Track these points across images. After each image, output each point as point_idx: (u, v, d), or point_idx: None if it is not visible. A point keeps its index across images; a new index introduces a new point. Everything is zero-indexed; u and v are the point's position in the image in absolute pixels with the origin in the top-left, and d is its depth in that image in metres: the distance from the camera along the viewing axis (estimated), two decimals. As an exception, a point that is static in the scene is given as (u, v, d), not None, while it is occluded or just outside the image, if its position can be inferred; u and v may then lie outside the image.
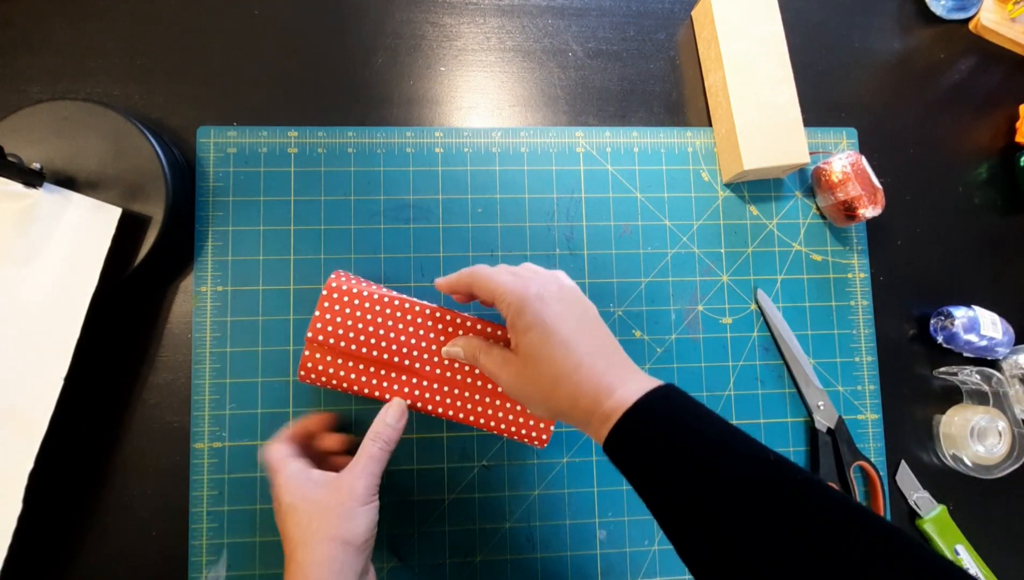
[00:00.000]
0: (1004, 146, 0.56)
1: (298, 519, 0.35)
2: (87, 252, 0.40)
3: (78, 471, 0.44)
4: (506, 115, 0.51)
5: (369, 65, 0.50)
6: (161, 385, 0.45)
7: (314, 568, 0.33)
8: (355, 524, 0.35)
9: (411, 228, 0.48)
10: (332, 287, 0.40)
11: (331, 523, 0.34)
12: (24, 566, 0.41)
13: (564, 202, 0.50)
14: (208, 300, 0.46)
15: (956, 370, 0.51)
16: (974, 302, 0.52)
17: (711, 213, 0.51)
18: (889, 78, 0.56)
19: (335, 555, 0.34)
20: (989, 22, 0.56)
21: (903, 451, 0.51)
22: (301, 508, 0.35)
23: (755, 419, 0.49)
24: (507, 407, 0.41)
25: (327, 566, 0.33)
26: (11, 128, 0.42)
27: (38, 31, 0.47)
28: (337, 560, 0.34)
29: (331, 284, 0.41)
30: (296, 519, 0.35)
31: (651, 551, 0.47)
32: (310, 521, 0.35)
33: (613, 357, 0.35)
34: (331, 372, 0.40)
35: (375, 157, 0.48)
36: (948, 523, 0.50)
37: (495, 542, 0.46)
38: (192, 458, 0.44)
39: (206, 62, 0.48)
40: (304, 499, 0.36)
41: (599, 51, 0.52)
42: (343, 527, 0.34)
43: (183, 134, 0.47)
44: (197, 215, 0.46)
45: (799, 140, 0.48)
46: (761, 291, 0.50)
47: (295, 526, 0.35)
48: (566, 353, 0.34)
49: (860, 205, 0.48)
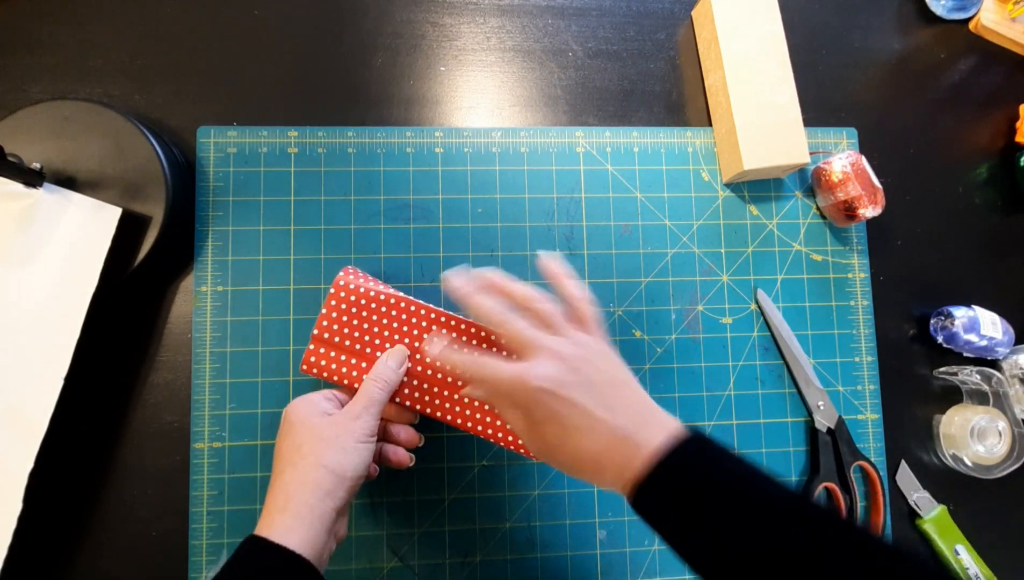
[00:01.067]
0: (1004, 146, 0.56)
1: (295, 440, 0.36)
2: (87, 252, 0.40)
3: (78, 471, 0.44)
4: (506, 115, 0.51)
5: (369, 65, 0.50)
6: (161, 385, 0.45)
7: (298, 488, 0.34)
8: (347, 458, 0.35)
9: (411, 228, 0.48)
10: (340, 285, 0.41)
11: (325, 452, 0.35)
12: (24, 566, 0.41)
13: (564, 202, 0.50)
14: (208, 300, 0.46)
15: (956, 370, 0.51)
16: (974, 302, 0.52)
17: (711, 213, 0.51)
18: (889, 78, 0.56)
19: (321, 481, 0.34)
20: (989, 22, 0.56)
21: (903, 451, 0.51)
22: (300, 431, 0.36)
23: (755, 419, 0.49)
24: None
25: (311, 489, 0.34)
26: (11, 128, 0.42)
27: (38, 31, 0.47)
28: (322, 487, 0.34)
29: (339, 282, 0.41)
30: (293, 439, 0.36)
31: (651, 551, 0.47)
32: (304, 444, 0.35)
33: (639, 415, 0.33)
34: (333, 367, 0.40)
35: (375, 157, 0.48)
36: (948, 523, 0.50)
37: (495, 542, 0.46)
38: (192, 458, 0.44)
39: (206, 62, 0.48)
40: (306, 423, 0.36)
41: (599, 51, 0.52)
42: (335, 458, 0.35)
43: (183, 134, 0.47)
44: (197, 215, 0.46)
45: (799, 140, 0.48)
46: (761, 291, 0.50)
47: (291, 446, 0.36)
48: (584, 431, 0.32)
49: (860, 205, 0.48)
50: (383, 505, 0.45)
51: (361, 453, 0.36)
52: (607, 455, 0.32)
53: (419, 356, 0.41)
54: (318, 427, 0.36)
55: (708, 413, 0.49)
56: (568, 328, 0.35)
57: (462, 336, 0.41)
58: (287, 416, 0.37)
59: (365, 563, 0.44)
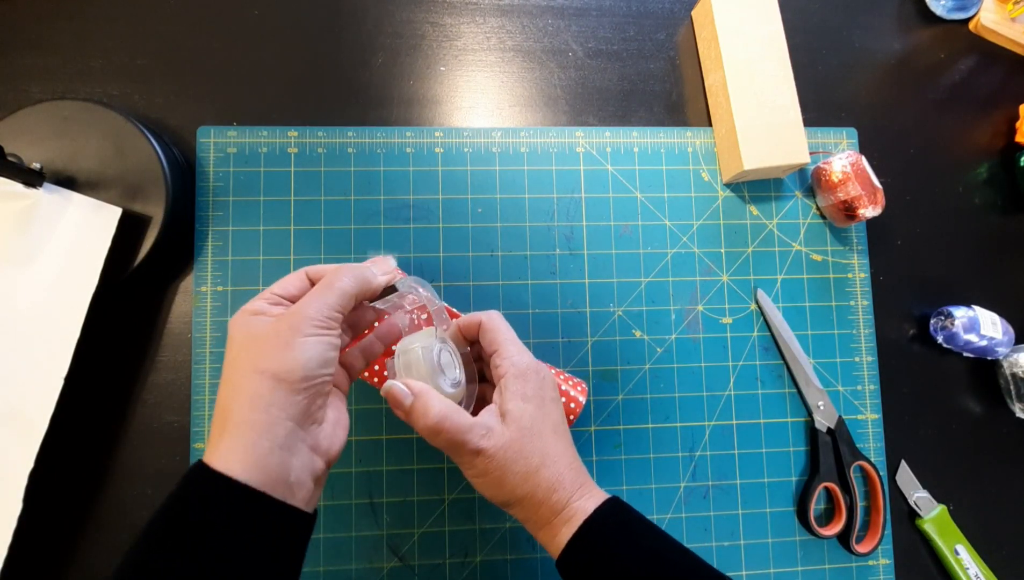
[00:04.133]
0: (1004, 146, 0.56)
1: (230, 353, 0.30)
2: (87, 252, 0.40)
3: (78, 471, 0.44)
4: (506, 115, 0.51)
5: (369, 65, 0.50)
6: (161, 385, 0.45)
7: (233, 405, 0.28)
8: (290, 356, 0.28)
9: (411, 228, 0.48)
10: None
11: (260, 354, 0.28)
12: (24, 566, 0.41)
13: (564, 202, 0.50)
14: (208, 300, 0.46)
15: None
16: (974, 302, 0.52)
17: (711, 213, 0.51)
18: (889, 78, 0.56)
19: (258, 391, 0.28)
20: (989, 22, 0.56)
21: (903, 451, 0.51)
22: (236, 340, 0.30)
23: (755, 419, 0.49)
24: None
25: (247, 405, 0.27)
26: (11, 128, 0.42)
27: (38, 31, 0.47)
28: (261, 398, 0.27)
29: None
30: (228, 354, 0.30)
31: (651, 551, 0.47)
32: (239, 353, 0.29)
33: (576, 455, 0.35)
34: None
35: (375, 157, 0.48)
36: (948, 523, 0.50)
37: (495, 542, 0.46)
38: (192, 458, 0.44)
39: (206, 62, 0.48)
40: (243, 330, 0.30)
41: (599, 51, 0.52)
42: (273, 358, 0.28)
43: (183, 134, 0.47)
44: (197, 215, 0.46)
45: (799, 140, 0.48)
46: (761, 291, 0.50)
47: (226, 363, 0.30)
48: (555, 439, 0.34)
49: (860, 205, 0.48)
50: (383, 505, 0.45)
51: (311, 347, 0.29)
52: (563, 479, 0.33)
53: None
54: (257, 330, 0.29)
55: (708, 413, 0.49)
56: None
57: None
58: (228, 330, 0.31)
59: (365, 563, 0.44)
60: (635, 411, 0.48)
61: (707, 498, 0.48)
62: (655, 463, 0.48)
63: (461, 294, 0.48)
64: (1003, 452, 0.52)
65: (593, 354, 0.48)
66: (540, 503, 0.33)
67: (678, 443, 0.48)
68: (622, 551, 0.31)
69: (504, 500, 0.33)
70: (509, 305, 0.48)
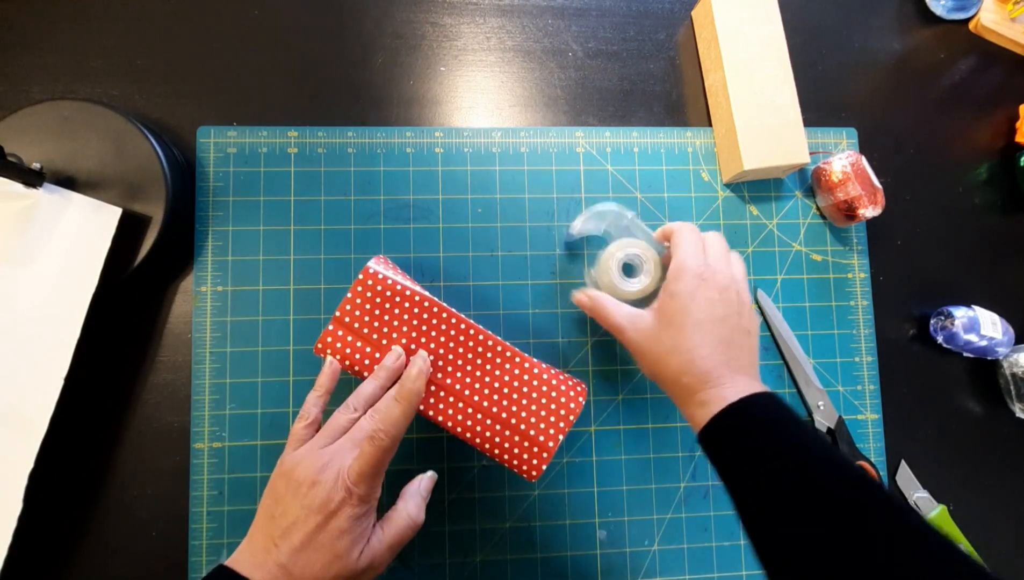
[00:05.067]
0: (1004, 146, 0.56)
1: (299, 494, 0.34)
2: (87, 252, 0.40)
3: (78, 471, 0.44)
4: (506, 115, 0.51)
5: (369, 65, 0.50)
6: (161, 385, 0.45)
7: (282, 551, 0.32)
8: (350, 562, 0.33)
9: (411, 228, 0.48)
10: (369, 273, 0.40)
11: (329, 565, 0.33)
12: (24, 566, 0.41)
13: (564, 202, 0.50)
14: (208, 300, 0.46)
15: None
16: (974, 302, 0.52)
17: (711, 213, 0.51)
18: (889, 78, 0.56)
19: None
20: (989, 22, 0.56)
21: (903, 451, 0.51)
22: (293, 511, 0.33)
23: (755, 419, 0.49)
24: (506, 435, 0.40)
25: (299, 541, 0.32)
26: (11, 128, 0.42)
27: (38, 31, 0.47)
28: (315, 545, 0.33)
29: (368, 269, 0.40)
30: (293, 493, 0.34)
31: (651, 551, 0.47)
32: (308, 515, 0.33)
33: (737, 359, 0.37)
34: (347, 352, 0.40)
35: (375, 157, 0.48)
36: (948, 523, 0.50)
37: (495, 542, 0.46)
38: (192, 458, 0.44)
39: (206, 62, 0.48)
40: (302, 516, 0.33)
41: (599, 51, 0.52)
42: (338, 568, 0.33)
43: (183, 134, 0.47)
44: (197, 215, 0.46)
45: (799, 140, 0.48)
46: (761, 291, 0.50)
47: (286, 495, 0.34)
48: (692, 333, 0.37)
49: (860, 205, 0.48)
50: (383, 506, 0.45)
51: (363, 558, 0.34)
52: (696, 365, 0.36)
53: (432, 358, 0.40)
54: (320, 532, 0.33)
55: (708, 413, 0.49)
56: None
57: (478, 346, 0.41)
58: (285, 463, 0.35)
59: (365, 563, 0.44)
60: (635, 411, 0.48)
61: (707, 498, 0.48)
62: (655, 463, 0.48)
63: (461, 294, 0.48)
64: (1003, 452, 0.52)
65: (593, 354, 0.48)
66: (672, 383, 0.37)
67: (678, 443, 0.48)
68: (755, 443, 0.33)
69: (647, 374, 0.40)
70: (509, 305, 0.48)
